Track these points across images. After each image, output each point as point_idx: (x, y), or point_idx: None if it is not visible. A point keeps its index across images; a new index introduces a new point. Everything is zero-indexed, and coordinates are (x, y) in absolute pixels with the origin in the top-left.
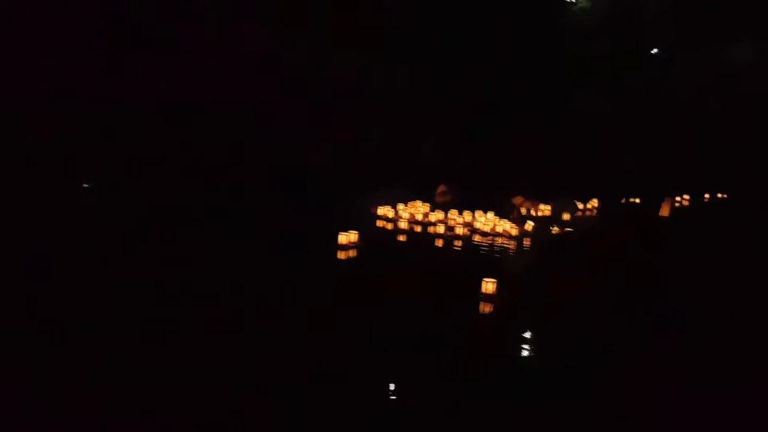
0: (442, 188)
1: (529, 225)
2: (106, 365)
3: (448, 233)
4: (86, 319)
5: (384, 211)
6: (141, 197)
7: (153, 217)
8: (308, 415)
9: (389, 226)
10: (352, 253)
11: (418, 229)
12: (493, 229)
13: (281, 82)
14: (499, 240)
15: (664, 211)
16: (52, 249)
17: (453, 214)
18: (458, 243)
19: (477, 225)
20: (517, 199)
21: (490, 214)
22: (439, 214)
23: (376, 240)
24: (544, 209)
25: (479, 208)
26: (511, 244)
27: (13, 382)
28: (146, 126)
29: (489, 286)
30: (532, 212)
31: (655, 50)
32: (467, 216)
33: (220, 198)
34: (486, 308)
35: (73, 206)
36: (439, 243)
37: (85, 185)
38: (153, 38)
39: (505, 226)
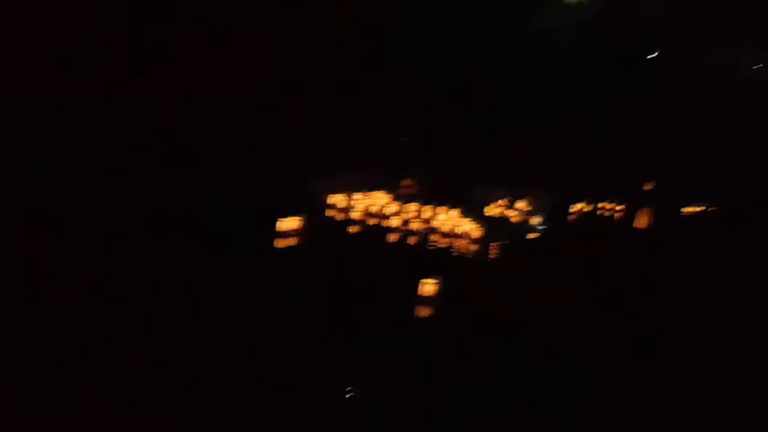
0: (407, 181)
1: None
2: None
3: (403, 228)
4: None
5: (337, 199)
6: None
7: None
8: None
9: (340, 216)
10: (291, 241)
11: (373, 221)
12: (452, 229)
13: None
14: (460, 242)
15: (640, 221)
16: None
17: (411, 207)
18: (413, 240)
19: (435, 223)
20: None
21: (455, 212)
22: (394, 207)
23: (320, 229)
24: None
25: (450, 205)
26: (472, 247)
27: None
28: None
29: (427, 287)
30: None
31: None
32: (427, 212)
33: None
34: (422, 312)
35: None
36: (393, 238)
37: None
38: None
39: (468, 226)
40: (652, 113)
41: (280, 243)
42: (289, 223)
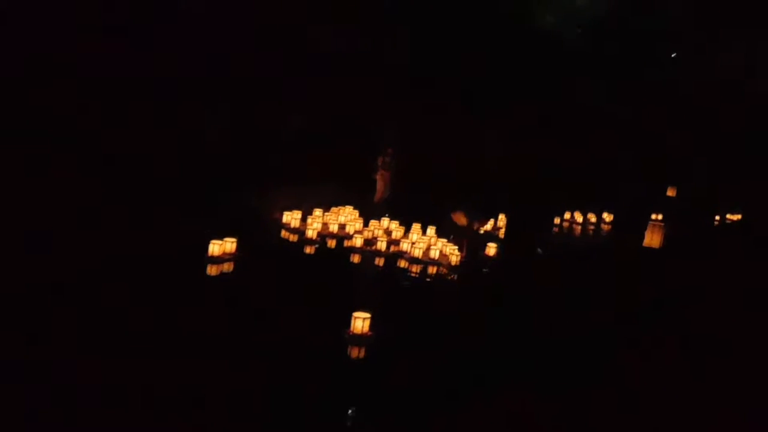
0: (377, 195)
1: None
2: None
3: (367, 249)
4: None
5: (290, 217)
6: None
7: None
8: None
9: (293, 237)
10: (227, 267)
11: (332, 243)
12: (426, 253)
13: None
14: (434, 269)
15: (652, 239)
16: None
17: (375, 225)
18: (380, 262)
19: (404, 246)
20: (459, 216)
21: (430, 231)
22: (356, 224)
23: (265, 253)
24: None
25: (424, 223)
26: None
27: None
28: None
29: (359, 323)
30: (481, 231)
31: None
32: (397, 231)
33: None
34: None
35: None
36: (355, 259)
37: None
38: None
39: (445, 250)
40: (667, 114)
41: (212, 270)
42: (224, 246)
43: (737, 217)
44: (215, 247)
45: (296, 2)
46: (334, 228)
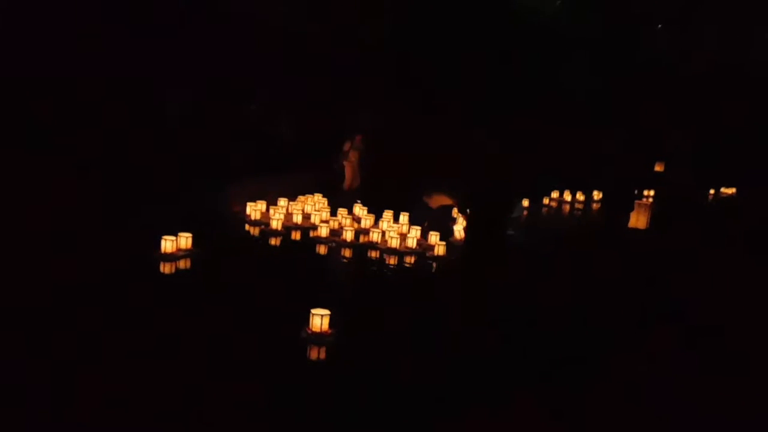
0: (346, 182)
1: (459, 232)
2: None
3: (335, 241)
4: None
5: (253, 208)
6: None
7: None
8: None
9: (255, 230)
10: (183, 264)
11: (297, 235)
12: (403, 242)
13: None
14: (411, 258)
15: (638, 219)
16: None
17: (343, 214)
18: (347, 253)
19: (373, 236)
20: (437, 199)
21: (403, 218)
22: (323, 213)
23: (225, 248)
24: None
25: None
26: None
27: None
28: None
29: (318, 321)
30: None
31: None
32: (367, 220)
33: None
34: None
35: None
36: (322, 250)
37: None
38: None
39: (417, 238)
40: (651, 94)
41: (165, 267)
42: (180, 241)
43: (731, 190)
44: (167, 243)
45: None
46: (298, 219)
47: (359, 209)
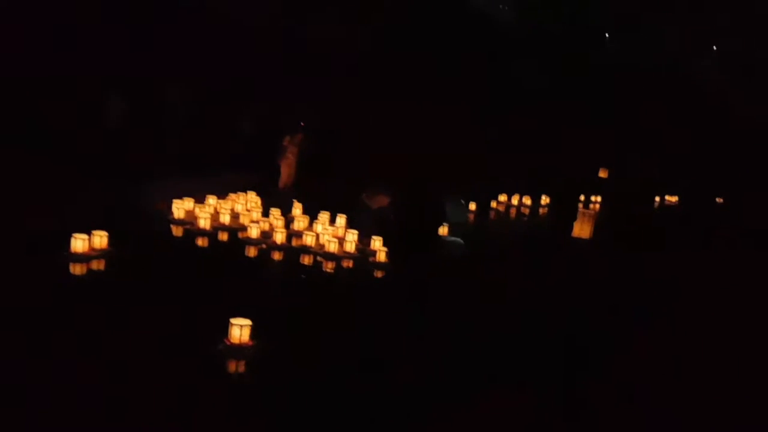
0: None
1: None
2: None
3: (266, 242)
4: None
5: (178, 206)
6: None
7: None
8: None
9: (178, 230)
10: (96, 265)
11: (224, 236)
12: (333, 244)
13: None
14: (349, 263)
15: (582, 228)
16: None
17: (276, 215)
18: (277, 256)
19: (306, 239)
20: (378, 199)
21: (339, 220)
22: (254, 213)
23: (141, 248)
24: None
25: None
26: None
27: None
28: None
29: (237, 331)
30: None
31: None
32: (299, 221)
33: None
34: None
35: None
36: (251, 253)
37: None
38: None
39: (355, 242)
40: (607, 99)
41: (76, 268)
42: (93, 240)
43: (674, 198)
44: (79, 242)
45: None
46: (225, 218)
47: (296, 209)
